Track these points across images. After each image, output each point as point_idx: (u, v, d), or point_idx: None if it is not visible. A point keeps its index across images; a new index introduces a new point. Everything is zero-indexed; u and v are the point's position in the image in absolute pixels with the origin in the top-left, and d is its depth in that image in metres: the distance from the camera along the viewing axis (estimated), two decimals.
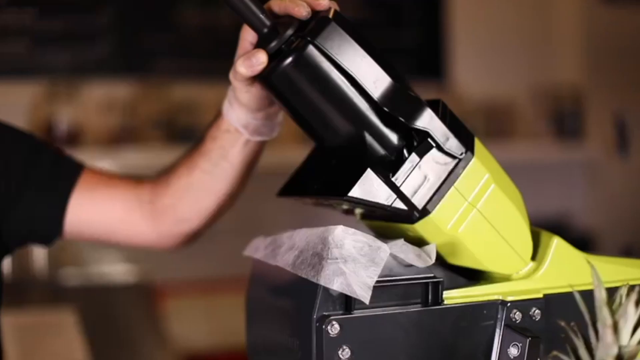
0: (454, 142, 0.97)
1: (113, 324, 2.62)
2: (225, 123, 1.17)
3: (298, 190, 1.05)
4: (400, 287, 0.96)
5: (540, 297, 1.01)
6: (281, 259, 0.98)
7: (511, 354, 0.98)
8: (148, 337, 2.58)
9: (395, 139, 0.99)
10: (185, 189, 1.24)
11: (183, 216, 1.27)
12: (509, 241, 1.01)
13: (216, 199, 1.25)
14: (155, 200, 1.27)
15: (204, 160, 1.21)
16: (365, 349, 0.92)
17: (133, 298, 2.75)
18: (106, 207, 1.28)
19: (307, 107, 1.00)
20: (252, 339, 1.07)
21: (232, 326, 3.01)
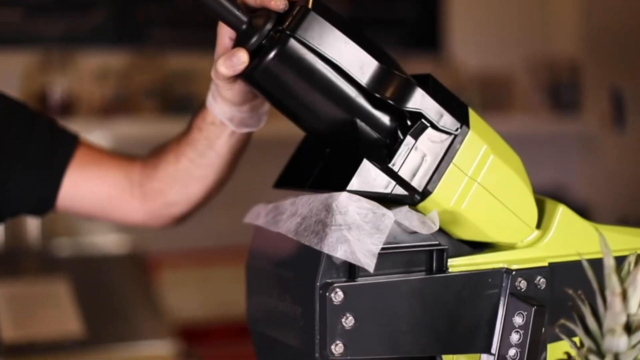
0: (448, 118, 0.95)
1: (106, 295, 2.61)
2: (210, 115, 1.15)
3: (294, 182, 1.03)
4: (404, 254, 0.94)
5: (546, 265, 1.00)
6: (283, 226, 0.97)
7: (516, 322, 0.97)
8: (142, 308, 2.58)
9: (387, 120, 0.97)
10: (173, 176, 1.24)
11: (172, 201, 1.27)
12: (513, 210, 1.00)
13: (204, 187, 1.24)
14: (144, 182, 1.27)
15: (191, 150, 1.20)
16: (369, 317, 0.91)
17: (126, 268, 2.74)
18: (97, 187, 1.28)
19: (293, 100, 0.98)
20: (252, 308, 1.05)
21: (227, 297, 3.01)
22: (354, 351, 0.90)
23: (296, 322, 0.94)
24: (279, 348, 1.00)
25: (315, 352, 0.90)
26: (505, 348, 0.97)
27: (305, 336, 0.92)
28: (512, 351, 0.96)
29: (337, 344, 0.90)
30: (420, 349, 0.95)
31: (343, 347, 0.90)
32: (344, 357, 0.90)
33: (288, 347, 0.97)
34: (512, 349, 0.96)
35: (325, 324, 0.89)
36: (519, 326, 0.97)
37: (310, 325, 0.91)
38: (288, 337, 0.97)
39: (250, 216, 1.06)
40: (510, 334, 0.97)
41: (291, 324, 0.95)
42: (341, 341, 0.90)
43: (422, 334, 0.94)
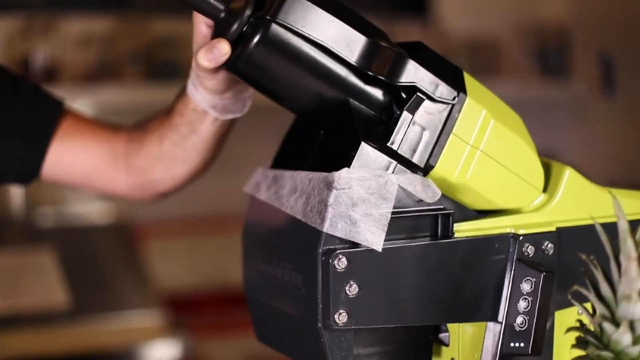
0: (444, 87, 0.91)
1: (92, 265, 2.59)
2: (191, 102, 1.10)
3: (291, 164, 0.99)
4: (409, 219, 0.91)
5: (553, 230, 0.97)
6: (288, 206, 0.93)
7: (524, 289, 0.94)
8: (128, 278, 2.55)
9: (381, 96, 0.93)
10: (156, 157, 1.20)
11: (156, 179, 1.24)
12: (519, 174, 0.96)
13: (189, 168, 1.21)
14: (129, 157, 1.24)
15: (174, 134, 1.16)
16: (373, 284, 0.88)
17: (112, 238, 2.72)
18: (82, 158, 1.26)
19: (280, 86, 0.94)
20: (249, 275, 1.02)
21: (216, 266, 2.99)
22: (358, 320, 0.87)
23: (297, 290, 0.90)
24: (277, 316, 0.96)
25: (318, 322, 0.87)
26: (512, 316, 0.94)
27: (306, 305, 0.89)
28: (520, 319, 0.93)
29: (340, 313, 0.86)
30: (425, 318, 0.92)
31: (347, 316, 0.86)
32: (348, 326, 0.87)
33: (287, 316, 0.94)
34: (520, 317, 0.93)
35: (328, 292, 0.86)
36: (526, 293, 0.93)
37: (312, 294, 0.87)
38: (287, 306, 0.93)
39: (251, 186, 1.02)
40: (517, 302, 0.94)
41: (291, 292, 0.91)
42: (345, 310, 0.86)
43: (427, 302, 0.91)
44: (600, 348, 0.80)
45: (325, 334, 0.87)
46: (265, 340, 1.02)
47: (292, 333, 0.95)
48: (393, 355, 0.94)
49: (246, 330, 2.63)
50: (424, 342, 0.96)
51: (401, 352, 0.94)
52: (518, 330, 0.93)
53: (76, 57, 2.99)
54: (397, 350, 0.94)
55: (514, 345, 0.93)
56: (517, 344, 0.93)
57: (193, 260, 2.98)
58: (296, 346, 0.95)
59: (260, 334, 1.03)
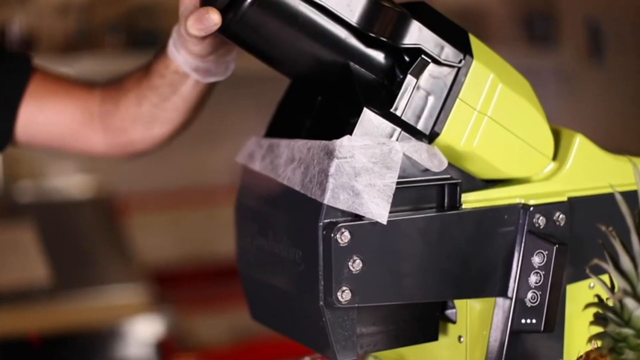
0: (450, 50, 0.86)
1: (74, 240, 2.54)
2: (172, 64, 1.04)
3: (286, 133, 0.93)
4: (414, 190, 0.85)
5: (565, 200, 0.92)
6: (286, 176, 0.87)
7: (535, 262, 0.89)
8: (111, 253, 2.51)
9: (382, 59, 0.87)
10: (134, 118, 1.15)
11: (134, 140, 1.19)
12: (528, 141, 0.92)
13: (169, 129, 1.16)
14: (105, 117, 1.18)
15: (153, 95, 1.10)
16: (377, 259, 0.82)
17: (94, 213, 2.67)
18: (55, 119, 1.21)
19: (276, 49, 0.88)
20: (243, 251, 0.96)
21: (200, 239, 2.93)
22: (362, 298, 0.82)
23: (295, 266, 0.85)
24: (273, 294, 0.91)
25: (319, 300, 0.81)
26: (523, 291, 0.89)
27: (306, 282, 0.83)
28: (531, 294, 0.88)
29: (343, 290, 0.81)
30: (432, 294, 0.86)
31: (350, 293, 0.81)
32: (352, 304, 0.81)
33: (285, 294, 0.88)
34: (531, 292, 0.88)
35: (330, 268, 0.80)
36: (538, 266, 0.89)
37: (313, 270, 0.82)
38: (285, 283, 0.88)
39: (244, 156, 0.97)
40: (528, 276, 0.89)
41: (289, 269, 0.86)
42: (348, 287, 0.81)
43: (434, 277, 0.86)
44: (620, 325, 0.75)
45: (327, 312, 0.82)
46: (260, 319, 0.97)
47: (290, 312, 0.89)
48: (398, 333, 0.89)
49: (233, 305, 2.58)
50: (430, 319, 0.91)
51: (406, 330, 0.89)
52: (529, 306, 0.88)
53: (54, 26, 2.92)
54: (402, 328, 0.89)
55: (525, 321, 0.88)
56: (528, 320, 0.88)
57: (177, 233, 2.92)
58: (294, 325, 0.90)
59: (254, 312, 0.98)
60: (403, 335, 0.89)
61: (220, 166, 2.84)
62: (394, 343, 0.89)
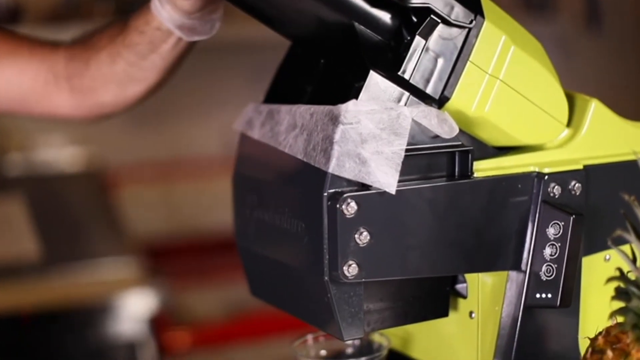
0: (460, 9, 0.81)
1: (64, 214, 2.49)
2: (155, 21, 0.98)
3: (287, 98, 0.88)
4: (423, 157, 0.81)
5: (580, 168, 0.87)
6: (287, 144, 0.82)
7: (550, 234, 0.84)
8: (102, 226, 2.46)
9: (389, 19, 0.82)
10: (107, 77, 1.08)
11: (105, 101, 1.13)
12: (542, 106, 0.87)
13: (144, 88, 1.10)
14: (73, 77, 1.12)
15: (130, 53, 1.03)
16: (385, 231, 0.78)
17: (84, 186, 2.62)
18: (15, 80, 1.14)
19: (276, 8, 0.84)
20: (241, 224, 0.91)
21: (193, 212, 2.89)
22: (370, 272, 0.77)
23: (298, 239, 0.80)
24: (275, 269, 0.86)
25: (324, 274, 0.77)
26: (538, 264, 0.84)
27: (309, 256, 0.79)
28: (546, 267, 0.84)
29: (350, 264, 0.76)
30: (442, 268, 0.82)
31: (357, 267, 0.76)
32: (358, 279, 0.77)
33: (287, 268, 0.84)
34: (546, 265, 0.84)
35: (335, 241, 0.76)
36: (553, 239, 0.84)
37: (317, 243, 0.77)
38: (287, 257, 0.83)
39: (242, 123, 0.91)
40: (543, 248, 0.84)
41: (291, 242, 0.81)
42: (354, 261, 0.76)
43: (444, 250, 0.81)
44: None
45: (333, 288, 0.77)
46: (259, 294, 0.92)
47: (292, 287, 0.85)
48: (407, 310, 0.84)
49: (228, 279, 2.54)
50: (440, 294, 0.86)
51: (415, 306, 0.85)
52: (544, 279, 0.84)
53: None
54: (411, 304, 0.84)
55: (540, 296, 0.84)
56: (543, 295, 0.84)
57: (169, 206, 2.88)
58: (296, 302, 0.85)
59: (254, 288, 0.93)
60: (412, 312, 0.84)
61: (213, 138, 2.79)
62: (403, 320, 0.84)
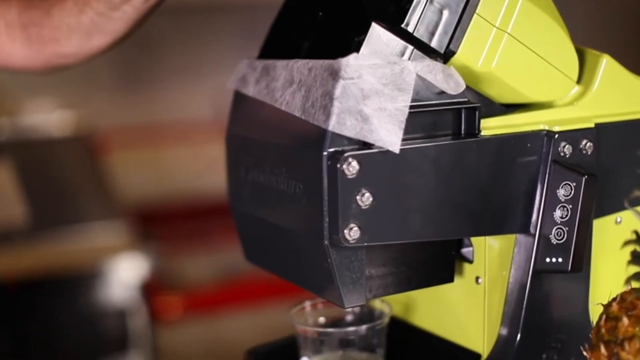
0: None
1: (53, 179, 2.45)
2: None
3: (283, 54, 0.83)
4: (428, 115, 0.76)
5: (592, 126, 0.83)
6: (283, 101, 0.77)
7: (561, 196, 0.80)
8: (92, 192, 2.42)
9: None
10: (72, 27, 1.01)
11: (67, 52, 1.05)
12: (551, 61, 0.82)
13: (111, 39, 1.03)
14: (29, 26, 1.05)
15: (100, 4, 0.97)
16: (388, 192, 0.73)
17: (73, 151, 2.57)
18: None
19: None
20: (235, 186, 0.87)
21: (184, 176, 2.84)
22: (372, 236, 0.73)
23: (296, 201, 0.76)
24: (271, 233, 0.82)
25: (324, 238, 0.72)
26: (548, 227, 0.80)
27: (308, 219, 0.74)
28: (557, 230, 0.80)
29: (351, 227, 0.72)
30: (449, 231, 0.78)
31: (359, 231, 0.72)
32: (360, 243, 0.72)
33: (284, 232, 0.79)
34: (557, 228, 0.80)
35: (336, 203, 0.71)
36: (564, 200, 0.80)
37: (316, 206, 0.73)
38: (284, 220, 0.79)
39: (235, 81, 0.87)
40: (554, 210, 0.80)
41: (289, 205, 0.77)
42: (356, 224, 0.72)
43: (451, 212, 0.77)
44: None
45: (333, 252, 0.73)
46: (254, 259, 0.88)
47: (289, 252, 0.80)
48: (410, 275, 0.80)
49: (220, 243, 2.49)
50: (446, 259, 0.82)
51: (420, 272, 0.80)
52: (555, 243, 0.80)
53: None
54: (415, 270, 0.80)
55: (550, 260, 0.80)
56: (553, 259, 0.80)
57: (159, 170, 2.83)
58: (294, 267, 0.81)
59: (248, 253, 0.89)
60: (416, 278, 0.80)
61: (204, 100, 2.74)
62: (406, 286, 0.80)
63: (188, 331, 2.29)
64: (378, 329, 0.85)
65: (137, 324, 2.12)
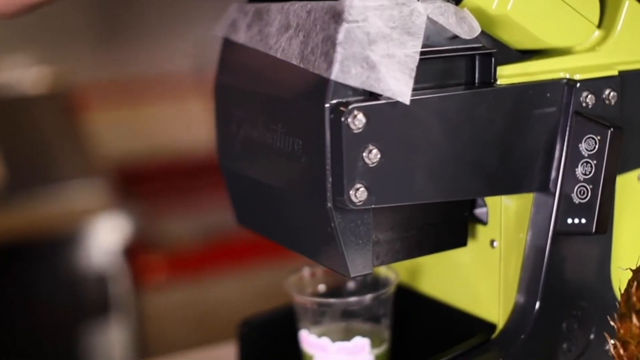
0: None
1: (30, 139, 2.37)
2: None
3: None
4: (440, 62, 0.69)
5: (615, 74, 0.76)
6: (278, 48, 0.69)
7: (584, 150, 0.73)
8: (70, 151, 2.34)
9: None
10: None
11: None
12: (570, 3, 0.75)
13: None
14: None
15: None
16: (398, 148, 0.66)
17: (50, 108, 2.49)
18: None
19: None
20: (224, 142, 0.79)
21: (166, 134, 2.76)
22: (380, 197, 0.66)
23: (294, 160, 0.68)
24: (265, 194, 0.75)
25: (327, 201, 0.65)
26: (569, 185, 0.73)
27: (308, 179, 0.67)
28: (579, 188, 0.73)
29: (357, 187, 0.64)
30: (462, 190, 0.70)
31: (366, 191, 0.65)
32: (367, 205, 0.65)
33: (281, 193, 0.72)
34: (579, 186, 0.73)
35: (340, 160, 0.64)
36: (588, 155, 0.73)
37: (318, 164, 0.65)
38: (281, 181, 0.71)
39: (224, 27, 0.79)
40: (576, 166, 0.73)
41: (286, 163, 0.69)
42: (363, 184, 0.65)
43: (465, 169, 0.70)
44: None
45: (337, 216, 0.66)
46: (247, 223, 0.81)
47: (286, 216, 0.73)
48: (420, 240, 0.73)
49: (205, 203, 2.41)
50: (458, 221, 0.75)
51: (430, 235, 0.73)
52: (577, 202, 0.73)
53: None
54: (425, 233, 0.73)
55: (572, 221, 0.73)
56: (576, 220, 0.73)
57: (139, 128, 2.74)
58: (292, 232, 0.73)
59: (240, 215, 0.81)
60: (426, 242, 0.73)
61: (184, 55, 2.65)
62: (416, 251, 0.73)
63: (173, 295, 2.22)
64: (383, 298, 0.77)
65: (119, 288, 2.05)
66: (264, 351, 0.84)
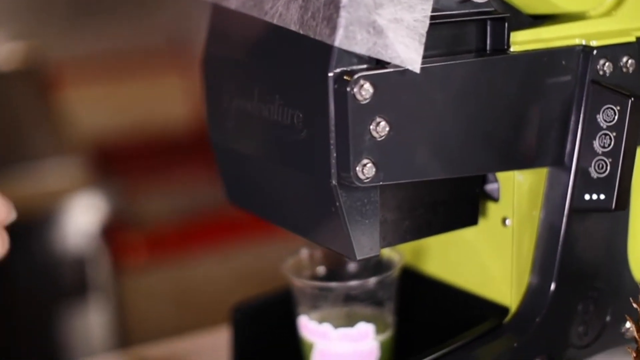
0: None
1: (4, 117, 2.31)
2: None
3: None
4: (450, 27, 0.64)
5: (633, 40, 0.71)
6: (274, 14, 0.64)
7: (602, 121, 0.68)
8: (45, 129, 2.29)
9: None
10: None
11: None
12: None
13: None
14: None
15: None
16: (407, 121, 0.61)
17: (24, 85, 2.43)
18: None
19: None
20: (215, 116, 0.74)
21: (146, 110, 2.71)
22: (389, 173, 0.61)
23: (294, 133, 0.63)
24: (261, 171, 0.70)
25: (331, 178, 0.60)
26: (586, 159, 0.69)
27: (310, 154, 0.62)
28: (598, 162, 0.68)
29: (364, 163, 0.59)
30: (474, 165, 0.66)
31: (373, 167, 0.60)
32: (375, 182, 0.60)
33: (279, 170, 0.67)
34: (598, 159, 0.68)
35: (346, 134, 0.59)
36: (606, 127, 0.68)
37: (321, 138, 0.60)
38: (279, 156, 0.66)
39: None
40: (594, 139, 0.68)
41: (285, 137, 0.64)
42: (370, 159, 0.60)
43: (477, 143, 0.65)
44: None
45: (342, 194, 0.61)
46: (239, 202, 0.76)
47: (284, 194, 0.68)
48: (430, 219, 0.68)
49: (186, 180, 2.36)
50: (469, 198, 0.70)
51: (440, 214, 0.68)
52: (595, 177, 0.68)
53: None
54: (434, 212, 0.68)
55: (590, 197, 0.68)
56: (594, 195, 0.68)
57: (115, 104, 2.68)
58: (291, 212, 0.68)
59: (232, 194, 0.76)
60: (436, 221, 0.68)
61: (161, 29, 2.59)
62: (425, 231, 0.68)
63: (153, 276, 2.17)
64: (387, 282, 0.73)
65: (98, 270, 2.00)
66: (259, 338, 0.79)
